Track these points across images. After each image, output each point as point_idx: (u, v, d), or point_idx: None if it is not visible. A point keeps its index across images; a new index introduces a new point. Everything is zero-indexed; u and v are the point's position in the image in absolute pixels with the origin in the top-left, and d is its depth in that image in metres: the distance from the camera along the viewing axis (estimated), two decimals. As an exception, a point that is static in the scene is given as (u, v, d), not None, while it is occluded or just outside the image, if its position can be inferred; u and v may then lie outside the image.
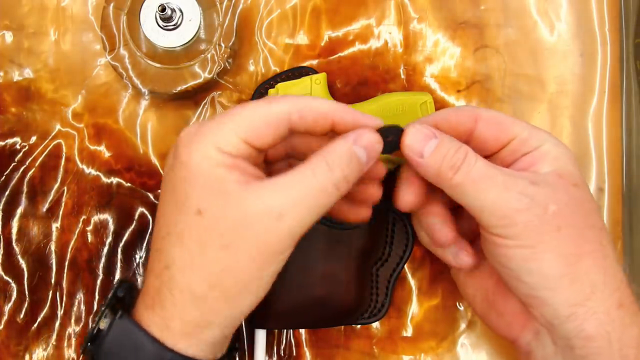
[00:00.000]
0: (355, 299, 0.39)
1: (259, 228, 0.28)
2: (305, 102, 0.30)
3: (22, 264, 0.43)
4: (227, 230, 0.28)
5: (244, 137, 0.29)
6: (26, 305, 0.42)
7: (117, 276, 0.42)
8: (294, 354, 0.42)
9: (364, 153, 0.30)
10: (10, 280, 0.42)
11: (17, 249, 0.43)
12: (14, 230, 0.43)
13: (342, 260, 0.38)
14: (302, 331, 0.42)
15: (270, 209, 0.28)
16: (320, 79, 0.39)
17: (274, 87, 0.40)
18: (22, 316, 0.42)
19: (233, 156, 0.29)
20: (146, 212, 0.43)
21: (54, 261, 0.43)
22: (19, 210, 0.43)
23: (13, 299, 0.42)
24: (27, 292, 0.42)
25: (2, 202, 0.43)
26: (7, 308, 0.42)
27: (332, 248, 0.37)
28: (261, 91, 0.42)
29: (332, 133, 0.31)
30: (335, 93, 0.43)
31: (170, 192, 0.30)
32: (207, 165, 0.28)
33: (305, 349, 0.42)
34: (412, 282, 0.43)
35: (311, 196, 0.28)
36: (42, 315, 0.42)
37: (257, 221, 0.28)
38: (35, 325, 0.42)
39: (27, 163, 0.43)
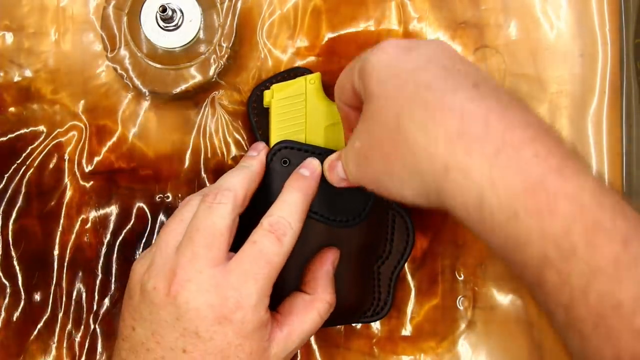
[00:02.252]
0: (357, 298, 0.39)
1: None
2: (241, 198, 0.35)
3: (22, 264, 0.43)
4: None
5: (275, 275, 0.33)
6: (26, 305, 0.42)
7: (117, 276, 0.42)
8: (294, 353, 0.42)
9: (332, 271, 0.37)
10: (9, 281, 0.42)
11: (16, 249, 0.43)
12: (14, 230, 0.43)
13: (343, 259, 0.38)
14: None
15: (291, 352, 0.34)
16: (314, 79, 0.39)
17: (269, 89, 0.41)
18: (21, 316, 0.42)
19: (267, 305, 0.33)
20: (146, 212, 0.43)
21: (53, 261, 0.43)
22: (19, 210, 0.43)
23: (12, 299, 0.42)
24: (26, 293, 0.42)
25: (3, 203, 0.43)
26: (7, 308, 0.42)
27: (336, 247, 0.37)
28: (257, 93, 0.42)
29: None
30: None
31: (222, 357, 0.32)
32: (257, 331, 0.33)
33: (305, 348, 0.42)
34: (412, 282, 0.43)
35: (316, 330, 0.35)
36: (41, 315, 0.42)
37: None
38: (35, 325, 0.42)
39: (27, 163, 0.43)
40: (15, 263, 0.42)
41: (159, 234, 0.35)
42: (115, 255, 0.43)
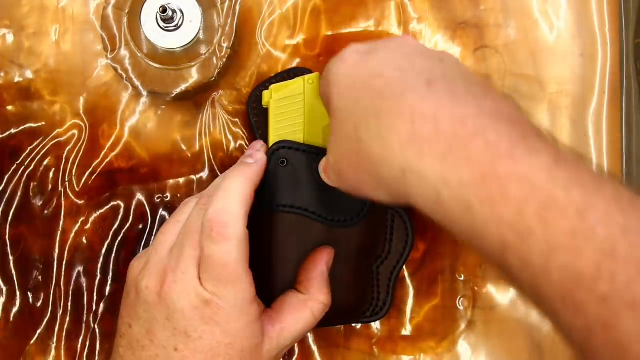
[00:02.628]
0: (356, 298, 0.39)
1: None
2: (245, 206, 0.34)
3: (21, 264, 0.43)
4: None
5: (248, 267, 0.33)
6: (25, 305, 0.42)
7: (116, 276, 0.42)
8: (294, 353, 0.42)
9: (327, 269, 0.37)
10: (8, 281, 0.42)
11: (15, 249, 0.43)
12: (13, 230, 0.43)
13: (342, 259, 0.38)
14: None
15: (283, 350, 0.34)
16: (313, 78, 0.39)
17: (268, 89, 0.41)
18: (21, 317, 0.42)
19: (254, 299, 0.33)
20: (145, 212, 0.43)
21: (53, 261, 0.43)
22: (19, 210, 0.43)
23: (12, 299, 0.42)
24: (25, 293, 0.42)
25: (2, 202, 0.43)
26: (6, 309, 0.42)
27: (331, 247, 0.37)
28: (257, 93, 0.42)
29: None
30: (335, 93, 0.43)
31: (212, 356, 0.32)
32: (247, 327, 0.33)
33: (305, 348, 0.42)
34: (412, 282, 0.43)
35: (309, 330, 0.35)
36: (41, 316, 0.42)
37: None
38: (34, 325, 0.42)
39: (26, 163, 0.43)
40: (15, 263, 0.42)
41: (157, 234, 0.36)
42: (114, 255, 0.43)
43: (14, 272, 0.42)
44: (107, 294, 0.42)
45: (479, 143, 0.24)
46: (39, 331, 0.42)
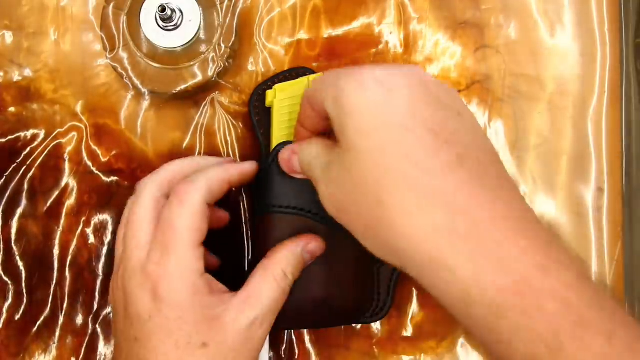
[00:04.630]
0: (357, 299, 0.39)
1: (251, 339, 0.33)
2: (211, 185, 0.34)
3: (22, 264, 0.43)
4: (230, 351, 0.32)
5: (197, 244, 0.33)
6: (26, 305, 0.42)
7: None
8: (294, 354, 0.42)
9: (309, 257, 0.35)
10: (9, 281, 0.42)
11: (16, 249, 0.43)
12: (14, 230, 0.43)
13: (342, 260, 0.37)
14: (302, 331, 0.42)
15: (253, 321, 0.32)
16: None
17: (271, 88, 0.40)
18: (22, 316, 0.42)
19: (203, 273, 0.33)
20: (146, 213, 0.43)
21: (54, 261, 0.43)
22: (19, 211, 0.43)
23: (13, 299, 0.42)
24: (26, 293, 0.42)
25: (3, 203, 0.43)
26: (7, 308, 0.42)
27: (332, 247, 0.37)
28: (259, 92, 0.42)
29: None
30: (335, 93, 0.43)
31: (166, 334, 0.31)
32: (196, 297, 0.32)
33: (306, 349, 0.42)
34: (412, 282, 0.43)
35: (278, 300, 0.34)
36: (42, 315, 0.42)
37: (249, 335, 0.32)
38: (35, 325, 0.42)
39: (27, 163, 0.43)
40: (16, 263, 0.42)
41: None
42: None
43: (15, 271, 0.42)
44: (107, 294, 0.42)
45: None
46: (39, 330, 0.42)
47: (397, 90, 0.27)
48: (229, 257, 0.36)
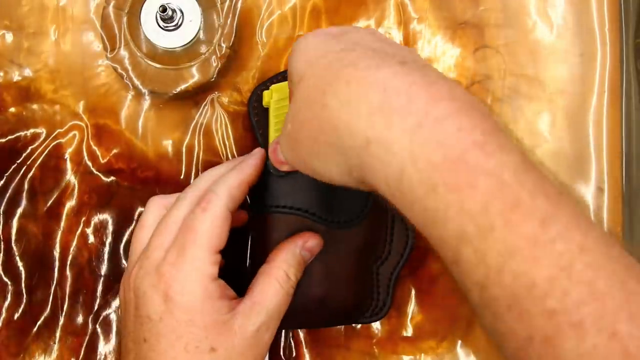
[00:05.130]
0: (356, 298, 0.39)
1: (258, 344, 0.33)
2: (232, 190, 0.34)
3: (22, 264, 0.43)
4: (238, 357, 0.32)
5: (215, 250, 0.33)
6: (26, 305, 0.42)
7: (117, 277, 0.42)
8: (294, 354, 0.42)
9: (308, 255, 0.36)
10: (9, 281, 0.42)
11: (16, 249, 0.43)
12: (14, 230, 0.43)
13: (342, 260, 0.38)
14: (302, 331, 0.42)
15: (260, 326, 0.33)
16: None
17: (269, 89, 0.41)
18: (22, 316, 0.42)
19: (216, 278, 0.33)
20: (146, 213, 0.43)
21: (54, 261, 0.43)
22: (19, 211, 0.43)
23: (13, 299, 0.42)
24: (26, 293, 0.42)
25: (3, 203, 0.43)
26: (7, 308, 0.42)
27: (330, 247, 0.37)
28: (258, 92, 0.42)
29: None
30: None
31: (176, 337, 0.31)
32: (207, 301, 0.32)
33: (305, 349, 0.42)
34: (412, 282, 0.43)
35: (283, 304, 0.34)
36: (42, 315, 0.42)
37: (256, 341, 0.33)
38: (35, 325, 0.42)
39: (27, 163, 0.43)
40: (16, 263, 0.42)
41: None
42: (115, 256, 0.43)
43: (15, 271, 0.42)
44: (108, 294, 0.42)
45: (451, 126, 0.23)
46: (40, 330, 0.42)
47: (344, 34, 0.29)
48: (229, 256, 0.36)
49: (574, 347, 0.20)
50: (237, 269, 0.41)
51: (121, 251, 0.43)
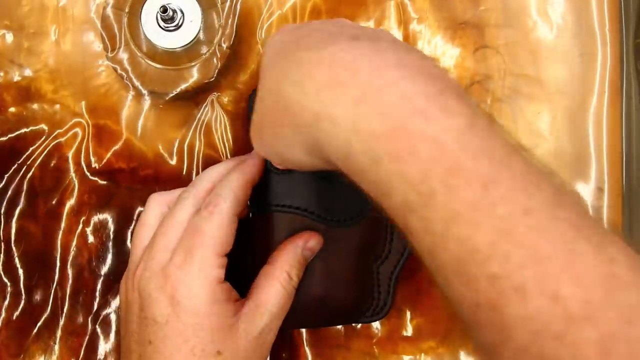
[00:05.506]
0: (356, 298, 0.39)
1: (261, 346, 0.33)
2: (237, 193, 0.34)
3: (22, 264, 0.43)
4: (242, 359, 0.33)
5: (222, 253, 0.33)
6: (26, 305, 0.42)
7: (118, 276, 0.42)
8: (294, 354, 0.42)
9: (309, 254, 0.36)
10: (9, 281, 0.42)
11: (16, 249, 0.43)
12: (14, 230, 0.43)
13: (342, 259, 0.38)
14: (302, 331, 0.42)
15: (263, 328, 0.33)
16: None
17: None
18: (22, 317, 0.42)
19: (222, 281, 0.33)
20: (146, 213, 0.43)
21: (54, 261, 0.42)
22: (19, 211, 0.43)
23: (13, 299, 0.42)
24: (27, 293, 0.42)
25: (4, 203, 0.43)
26: (7, 308, 0.42)
27: (330, 246, 0.37)
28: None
29: None
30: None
31: (183, 340, 0.31)
32: (214, 305, 0.32)
33: (305, 349, 0.42)
34: (412, 282, 0.43)
35: (285, 305, 0.34)
36: (42, 315, 0.42)
37: (259, 343, 0.33)
38: (35, 326, 0.42)
39: (27, 163, 0.43)
40: (16, 263, 0.42)
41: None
42: (115, 256, 0.43)
43: (15, 271, 0.42)
44: (108, 294, 0.42)
45: (393, 94, 0.23)
46: (39, 330, 0.42)
47: (307, 24, 0.29)
48: (230, 254, 0.36)
49: (517, 311, 0.20)
50: (237, 267, 0.41)
51: (120, 251, 0.43)
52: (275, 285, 0.34)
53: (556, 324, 0.19)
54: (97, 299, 0.42)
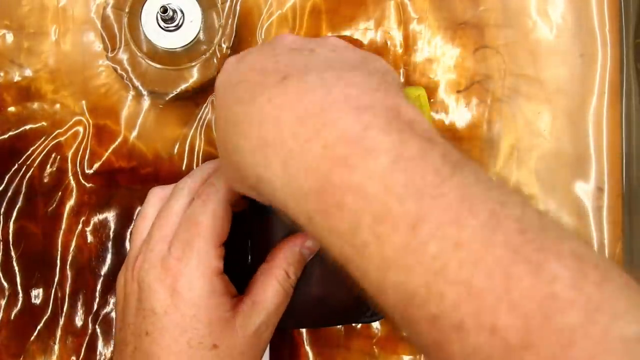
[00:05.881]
0: (356, 298, 0.39)
1: (258, 343, 0.33)
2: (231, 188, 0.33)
3: (22, 264, 0.43)
4: (238, 355, 0.33)
5: (219, 243, 0.33)
6: (26, 305, 0.42)
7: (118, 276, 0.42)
8: (295, 354, 0.42)
9: (308, 252, 0.35)
10: (9, 281, 0.42)
11: (16, 249, 0.43)
12: (14, 230, 0.43)
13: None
14: (302, 331, 0.42)
15: (260, 325, 0.33)
16: None
17: None
18: (22, 317, 0.42)
19: (221, 272, 0.33)
20: (146, 213, 0.43)
21: (53, 262, 0.42)
22: (19, 211, 0.43)
23: (12, 299, 0.42)
24: (26, 293, 0.42)
25: (3, 203, 0.43)
26: (6, 308, 0.42)
27: None
28: None
29: None
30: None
31: (180, 332, 0.31)
32: (212, 297, 0.32)
33: (306, 348, 0.42)
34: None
35: (283, 303, 0.34)
36: (42, 315, 0.42)
37: (256, 339, 0.33)
38: (35, 325, 0.42)
39: (27, 163, 0.43)
40: (15, 263, 0.42)
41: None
42: (115, 255, 0.43)
43: (15, 271, 0.42)
44: (108, 294, 0.42)
45: (316, 147, 0.22)
46: (39, 330, 0.42)
47: (246, 56, 0.28)
48: (229, 251, 0.36)
49: (459, 349, 0.20)
50: (235, 264, 0.41)
51: (120, 251, 0.43)
52: (273, 283, 0.34)
53: (496, 356, 0.19)
54: (97, 299, 0.42)
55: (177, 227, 0.33)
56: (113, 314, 0.43)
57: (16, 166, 0.43)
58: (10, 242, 0.43)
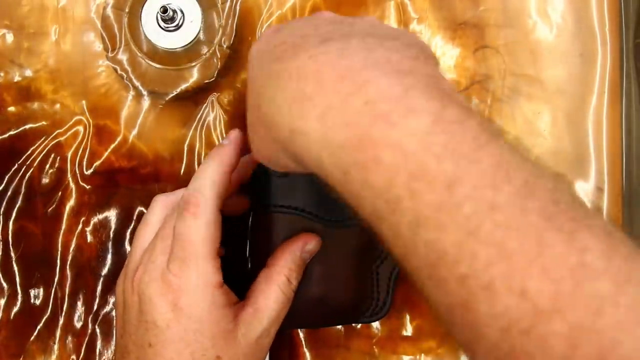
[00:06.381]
0: (355, 298, 0.39)
1: (260, 350, 0.34)
2: (217, 187, 0.33)
3: (22, 264, 0.43)
4: None
5: (214, 254, 0.32)
6: (26, 305, 0.42)
7: (117, 276, 0.42)
8: (294, 354, 0.42)
9: (308, 256, 0.36)
10: (9, 281, 0.42)
11: (16, 249, 0.43)
12: (14, 230, 0.43)
13: (341, 259, 0.38)
14: (302, 331, 0.42)
15: (262, 333, 0.33)
16: None
17: None
18: (21, 317, 0.42)
19: (221, 285, 0.33)
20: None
21: (53, 262, 0.42)
22: (19, 211, 0.43)
23: (12, 299, 0.42)
24: (26, 293, 0.42)
25: (3, 203, 0.43)
26: (6, 308, 0.42)
27: (329, 246, 0.37)
28: None
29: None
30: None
31: (184, 345, 0.32)
32: (214, 310, 0.32)
33: (305, 349, 0.42)
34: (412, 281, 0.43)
35: (284, 309, 0.34)
36: (41, 315, 0.42)
37: (258, 346, 0.33)
38: (35, 325, 0.42)
39: (27, 163, 0.43)
40: (15, 263, 0.42)
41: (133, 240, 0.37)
42: (115, 256, 0.43)
43: (15, 271, 0.42)
44: (108, 294, 0.42)
45: (357, 102, 0.23)
46: (39, 331, 0.42)
47: (284, 27, 0.29)
48: (229, 254, 0.36)
49: (487, 309, 0.20)
50: (235, 267, 0.41)
51: (120, 251, 0.43)
52: (275, 290, 0.34)
53: (525, 319, 0.19)
54: (97, 299, 0.42)
55: (172, 243, 0.33)
56: (113, 314, 0.43)
57: (16, 166, 0.43)
58: (10, 242, 0.43)
